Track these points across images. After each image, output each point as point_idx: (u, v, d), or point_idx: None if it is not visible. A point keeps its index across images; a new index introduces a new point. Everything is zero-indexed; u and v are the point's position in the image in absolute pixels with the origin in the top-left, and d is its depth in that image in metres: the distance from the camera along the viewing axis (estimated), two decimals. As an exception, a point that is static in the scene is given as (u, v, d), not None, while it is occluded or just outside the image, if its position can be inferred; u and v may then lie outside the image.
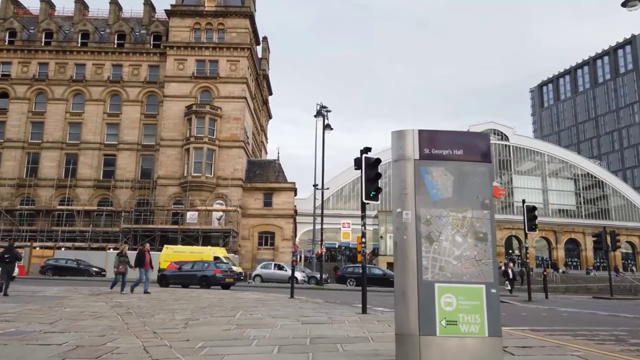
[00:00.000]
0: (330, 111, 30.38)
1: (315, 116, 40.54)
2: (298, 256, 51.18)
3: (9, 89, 52.05)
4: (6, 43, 53.06)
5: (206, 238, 46.05)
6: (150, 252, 23.26)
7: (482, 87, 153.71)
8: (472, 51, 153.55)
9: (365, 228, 12.95)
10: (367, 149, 11.81)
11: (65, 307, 12.26)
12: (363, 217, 12.52)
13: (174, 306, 12.83)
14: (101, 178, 50.70)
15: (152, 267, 19.55)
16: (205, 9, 52.12)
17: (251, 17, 52.77)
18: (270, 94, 70.02)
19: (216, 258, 36.29)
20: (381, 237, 49.20)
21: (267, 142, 71.72)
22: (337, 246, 63.23)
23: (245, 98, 51.36)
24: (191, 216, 46.31)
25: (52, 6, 56.83)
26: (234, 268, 36.51)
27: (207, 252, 36.52)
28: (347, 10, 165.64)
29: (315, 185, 37.80)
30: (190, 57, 51.40)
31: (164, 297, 16.18)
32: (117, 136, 51.42)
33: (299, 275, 31.91)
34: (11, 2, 56.16)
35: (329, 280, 34.13)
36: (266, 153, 69.83)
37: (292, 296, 16.01)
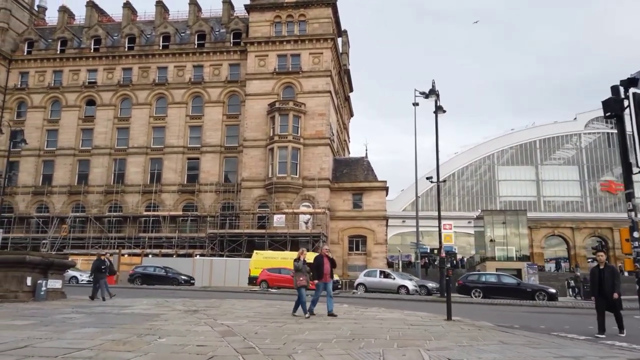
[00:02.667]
0: (439, 95, 25.69)
1: (413, 104, 36.28)
2: (396, 262, 46.75)
3: (95, 96, 52.20)
4: (91, 51, 53.42)
5: (294, 243, 42.84)
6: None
7: (551, 82, 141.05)
8: (533, 45, 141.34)
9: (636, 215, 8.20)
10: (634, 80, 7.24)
11: (159, 334, 8.82)
12: (630, 195, 7.82)
13: (307, 335, 9.01)
14: (185, 182, 49.25)
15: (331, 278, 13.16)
16: (286, 1, 49.40)
17: (333, 6, 49.35)
18: (351, 90, 66.28)
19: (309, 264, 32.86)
20: (492, 240, 43.50)
21: (349, 141, 67.98)
22: (429, 250, 58.02)
23: (329, 92, 47.89)
24: (278, 219, 43.33)
25: (134, 12, 56.79)
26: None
27: (300, 258, 33.09)
28: (406, 11, 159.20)
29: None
30: (272, 53, 48.79)
31: (284, 318, 12.53)
32: (200, 139, 49.83)
33: (409, 284, 27.55)
34: (95, 11, 56.77)
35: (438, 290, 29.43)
36: (349, 153, 66.04)
37: (449, 317, 11.70)
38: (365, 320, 11.69)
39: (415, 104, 36.06)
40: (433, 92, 25.13)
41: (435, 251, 60.77)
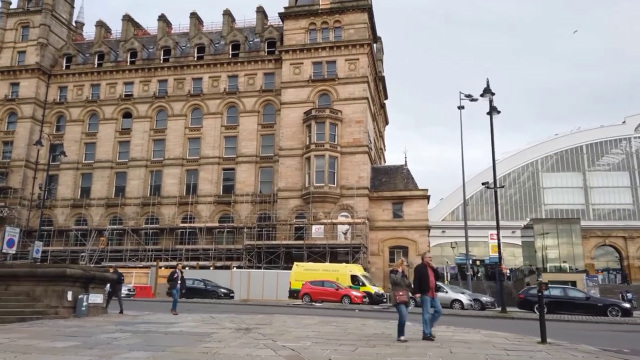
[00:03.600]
0: (494, 94, 24.01)
1: (458, 107, 34.68)
2: (445, 274, 44.67)
3: (131, 109, 52.39)
4: (128, 64, 53.77)
5: (333, 254, 41.51)
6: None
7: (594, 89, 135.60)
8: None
9: None
10: None
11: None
12: None
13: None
14: (221, 193, 48.63)
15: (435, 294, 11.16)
16: (320, 7, 48.58)
17: (369, 11, 48.25)
18: (386, 97, 64.84)
19: (353, 277, 31.43)
20: (545, 248, 41.02)
21: (385, 150, 66.40)
22: (469, 262, 55.53)
23: (366, 99, 46.65)
24: (317, 230, 42.07)
25: (169, 24, 57.06)
26: (375, 289, 31.38)
27: (342, 270, 31.80)
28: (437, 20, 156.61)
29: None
30: (307, 60, 47.95)
31: (350, 339, 11.18)
32: (235, 149, 49.23)
33: (463, 298, 25.72)
34: (131, 24, 57.33)
35: (496, 305, 27.46)
36: (384, 161, 64.39)
37: (544, 340, 10.09)
38: (447, 343, 10.19)
39: (461, 107, 34.48)
40: (488, 91, 23.44)
41: (478, 262, 58.54)
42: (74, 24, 60.08)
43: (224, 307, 24.74)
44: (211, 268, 42.86)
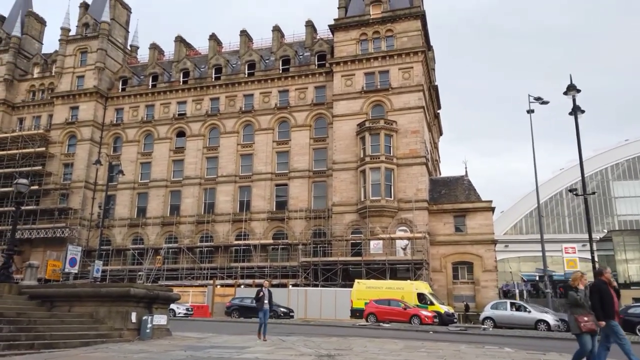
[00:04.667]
0: (579, 91, 21.80)
1: (528, 111, 32.38)
2: (510, 291, 41.83)
3: (185, 128, 52.82)
4: (180, 83, 54.45)
5: (392, 271, 39.58)
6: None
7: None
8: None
9: None
10: None
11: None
12: None
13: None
14: (274, 209, 47.82)
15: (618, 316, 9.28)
16: (372, 17, 47.53)
17: (422, 18, 46.74)
18: (439, 107, 62.63)
19: (420, 295, 29.42)
20: (627, 262, 37.47)
21: (440, 161, 63.97)
22: (537, 278, 51.88)
23: (422, 108, 44.87)
24: (375, 246, 40.30)
25: (219, 43, 57.59)
26: (445, 308, 29.22)
27: (408, 288, 29.88)
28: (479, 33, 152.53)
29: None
30: (358, 71, 46.83)
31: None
32: (288, 164, 48.46)
33: (549, 319, 23.23)
34: (183, 45, 58.28)
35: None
36: (440, 173, 61.88)
37: None
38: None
39: (530, 111, 32.16)
40: (572, 88, 21.26)
41: (545, 277, 54.64)
42: (128, 47, 61.78)
43: (287, 327, 23.42)
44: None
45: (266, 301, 16.26)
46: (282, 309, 31.46)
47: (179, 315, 30.84)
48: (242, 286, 41.69)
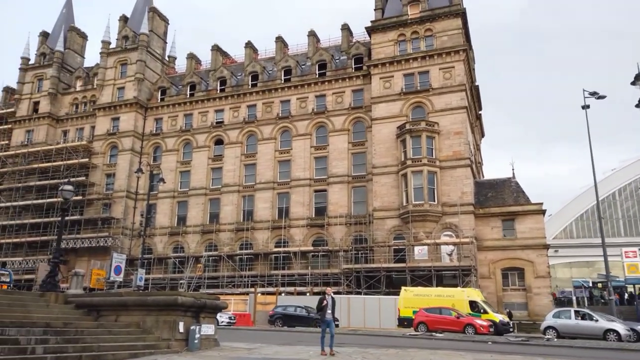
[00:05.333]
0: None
1: (583, 107, 30.56)
2: (566, 298, 39.58)
3: (223, 135, 52.87)
4: (218, 92, 54.63)
5: (439, 277, 38.07)
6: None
7: None
8: None
9: None
10: None
11: None
12: None
13: None
14: (313, 216, 47.05)
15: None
16: (410, 18, 46.40)
17: (463, 16, 45.30)
18: (480, 108, 60.65)
19: (472, 303, 27.89)
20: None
21: (482, 163, 61.83)
22: (591, 284, 49.11)
23: (465, 108, 43.31)
24: (420, 252, 38.89)
25: (255, 50, 57.61)
26: (499, 316, 27.61)
27: (459, 296, 28.42)
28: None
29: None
30: (397, 73, 45.72)
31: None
32: (326, 169, 47.69)
33: (619, 328, 21.41)
34: (219, 54, 58.58)
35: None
36: (483, 176, 59.77)
37: None
38: None
39: (586, 107, 30.27)
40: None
41: (600, 284, 51.67)
42: (166, 58, 62.62)
43: (335, 337, 22.37)
44: (308, 294, 41.03)
45: (329, 310, 14.67)
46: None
47: (222, 324, 30.30)
48: (283, 294, 41.02)
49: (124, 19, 60.05)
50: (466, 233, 39.73)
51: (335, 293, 38.57)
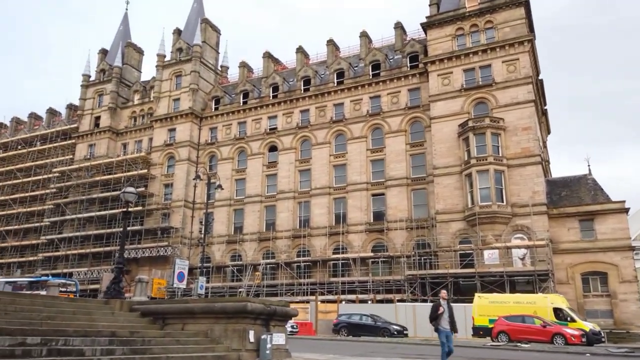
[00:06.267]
0: None
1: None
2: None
3: (277, 142, 52.35)
4: (270, 98, 54.29)
5: (511, 283, 35.44)
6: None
7: None
8: None
9: None
10: None
11: None
12: None
13: None
14: (372, 221, 45.44)
15: None
16: (468, 10, 44.23)
17: (526, 5, 42.63)
18: (545, 103, 57.06)
19: (556, 310, 25.35)
20: None
21: (549, 162, 58.04)
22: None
23: (533, 101, 40.55)
24: (490, 256, 36.38)
25: (306, 55, 56.99)
26: (589, 325, 24.91)
27: (541, 302, 25.99)
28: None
29: None
30: (456, 68, 43.57)
31: None
32: (384, 172, 46.02)
33: None
34: (271, 60, 58.35)
35: None
36: (550, 175, 56.03)
37: None
38: None
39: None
40: None
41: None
42: (219, 68, 63.16)
43: (409, 348, 20.75)
44: (369, 302, 39.36)
45: (446, 316, 12.68)
46: (394, 327, 28.73)
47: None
48: (344, 302, 39.55)
49: (177, 32, 61.13)
50: (539, 235, 36.87)
51: (399, 301, 37.09)
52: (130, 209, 52.44)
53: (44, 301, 12.66)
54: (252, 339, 12.94)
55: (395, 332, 28.12)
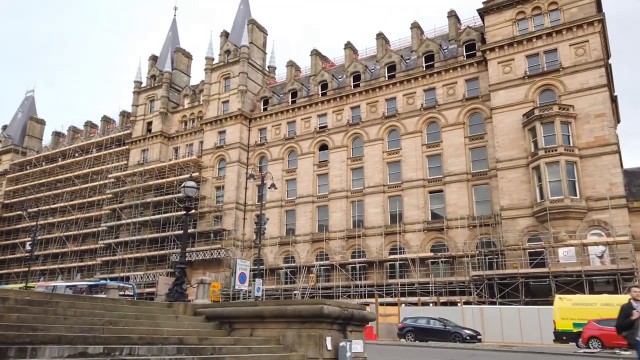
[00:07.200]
0: None
1: None
2: None
3: (327, 140, 51.08)
4: (319, 96, 53.10)
5: (590, 283, 32.46)
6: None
7: None
8: None
9: None
10: None
11: None
12: None
13: None
14: (430, 219, 43.31)
15: None
16: (529, -8, 41.41)
17: (593, -19, 39.41)
18: (614, 90, 52.91)
19: (654, 313, 22.40)
20: None
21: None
22: None
23: (606, 86, 37.36)
24: (565, 254, 33.53)
25: (355, 51, 55.51)
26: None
27: (634, 304, 22.98)
28: None
29: None
30: (518, 55, 40.85)
31: None
32: (441, 168, 43.80)
33: None
34: (319, 58, 57.20)
35: None
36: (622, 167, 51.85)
37: None
38: None
39: None
40: None
41: None
42: (266, 68, 62.65)
43: (489, 355, 18.72)
44: (431, 304, 37.23)
45: None
46: (466, 331, 26.64)
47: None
48: (404, 305, 37.59)
49: (225, 34, 61.10)
50: (619, 231, 33.72)
51: (465, 303, 34.78)
52: (192, 195, 52.87)
53: (104, 304, 11.73)
54: (329, 347, 11.48)
55: (468, 337, 26.00)
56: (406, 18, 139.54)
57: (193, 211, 52.55)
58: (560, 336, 24.50)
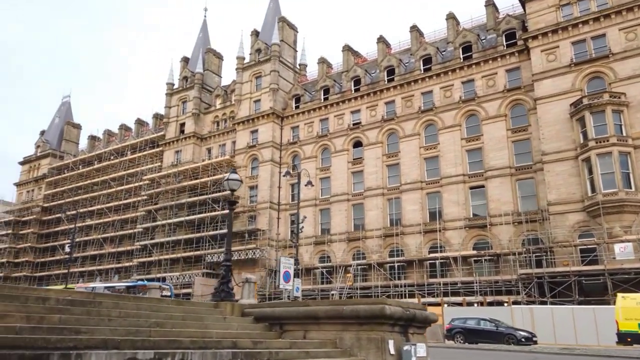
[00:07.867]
0: None
1: None
2: None
3: (361, 137, 49.93)
4: (352, 92, 52.02)
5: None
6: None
7: None
8: None
9: None
10: None
11: None
12: None
13: None
14: (471, 216, 41.66)
15: None
16: (573, -26, 39.31)
17: (645, -39, 37.03)
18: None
19: None
20: None
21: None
22: None
23: (662, 71, 34.95)
24: (622, 250, 31.43)
25: (388, 45, 54.20)
26: None
27: None
28: None
29: None
30: (563, 42, 38.83)
31: None
32: (482, 163, 42.09)
33: None
34: (351, 53, 56.16)
35: None
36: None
37: None
38: None
39: None
40: None
41: None
42: (297, 66, 61.95)
43: (548, 358, 17.25)
44: (476, 304, 35.63)
45: None
46: (521, 333, 25.09)
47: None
48: (447, 305, 36.10)
49: (255, 33, 60.71)
50: (681, 225, 31.43)
51: (513, 303, 33.09)
52: (218, 212, 52.32)
53: (149, 304, 11.00)
54: (392, 351, 10.42)
55: (523, 339, 24.45)
56: (439, 11, 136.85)
57: (227, 211, 52.22)
58: (625, 338, 22.75)
